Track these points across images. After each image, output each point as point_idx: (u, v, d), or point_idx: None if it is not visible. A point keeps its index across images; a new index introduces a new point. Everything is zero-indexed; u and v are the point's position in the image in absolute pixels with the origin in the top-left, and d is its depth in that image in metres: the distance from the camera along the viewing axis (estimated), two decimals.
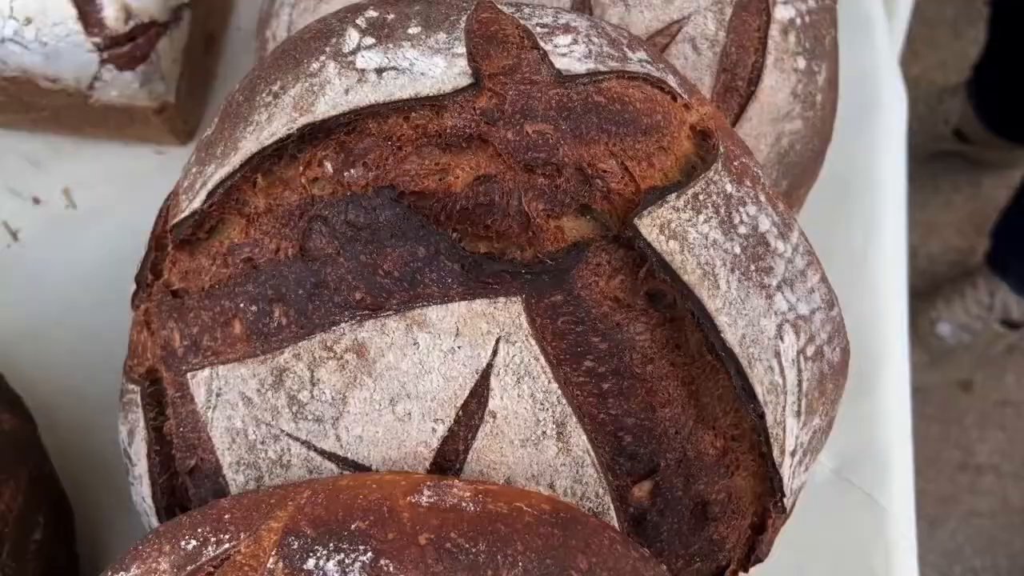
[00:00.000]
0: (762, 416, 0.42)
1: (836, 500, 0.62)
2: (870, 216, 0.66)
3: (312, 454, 0.43)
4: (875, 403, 0.63)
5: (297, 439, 0.43)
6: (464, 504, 0.37)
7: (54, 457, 0.61)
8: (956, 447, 1.48)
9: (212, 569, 0.37)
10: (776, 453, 0.43)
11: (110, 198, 0.72)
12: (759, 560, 0.48)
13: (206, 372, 0.44)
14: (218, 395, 0.44)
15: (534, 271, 0.40)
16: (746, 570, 0.48)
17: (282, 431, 0.43)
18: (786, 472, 0.44)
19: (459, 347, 0.40)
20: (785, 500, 0.44)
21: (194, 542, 0.39)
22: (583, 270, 0.41)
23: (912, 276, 0.72)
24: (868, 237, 0.65)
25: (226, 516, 0.40)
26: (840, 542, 0.61)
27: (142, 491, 0.49)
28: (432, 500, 0.37)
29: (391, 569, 0.35)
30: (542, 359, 0.40)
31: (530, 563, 0.35)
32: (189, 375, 0.45)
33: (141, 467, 0.48)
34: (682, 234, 0.41)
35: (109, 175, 0.73)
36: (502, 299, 0.40)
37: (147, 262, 0.48)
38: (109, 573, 0.40)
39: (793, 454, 0.44)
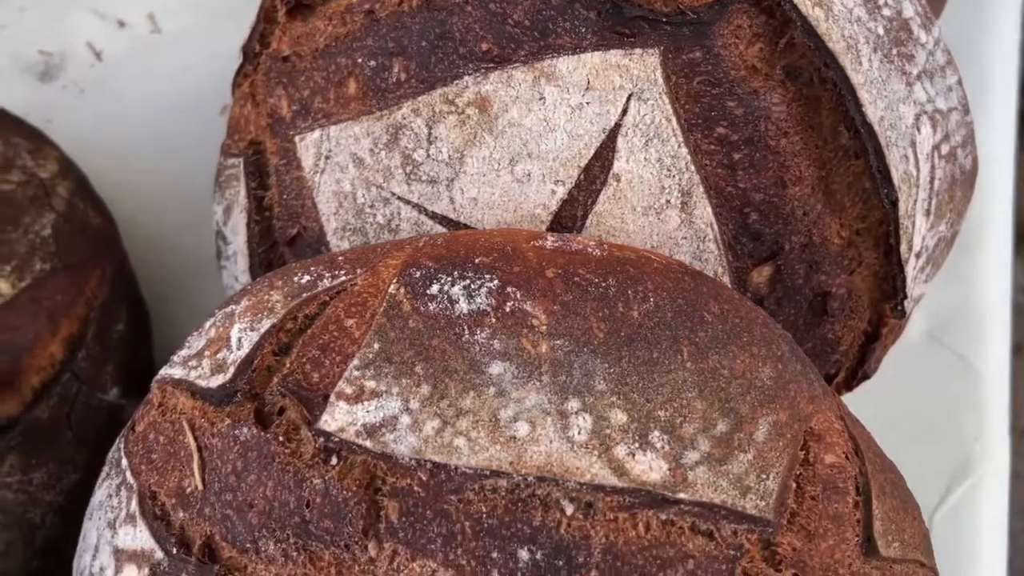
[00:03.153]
0: (895, 204, 0.40)
1: (929, 362, 0.60)
2: (980, 77, 0.63)
3: (423, 218, 0.41)
4: (975, 265, 0.60)
5: (408, 202, 0.41)
6: (590, 249, 0.36)
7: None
8: None
9: (327, 299, 0.36)
10: (903, 248, 0.41)
11: (194, 25, 0.71)
12: (866, 377, 0.46)
13: (316, 134, 0.43)
14: (327, 158, 0.43)
15: (674, 22, 0.38)
16: (850, 387, 0.46)
17: (393, 194, 0.42)
18: (910, 272, 0.42)
19: (588, 103, 0.39)
20: (906, 303, 0.43)
21: (308, 277, 0.38)
22: (723, 29, 0.39)
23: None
24: (978, 97, 0.62)
25: (340, 258, 0.39)
26: (931, 405, 0.59)
27: (236, 269, 0.48)
28: (557, 244, 0.36)
29: (518, 296, 0.34)
30: (674, 121, 0.39)
31: (661, 300, 0.34)
32: (297, 139, 0.44)
33: (237, 243, 0.47)
34: (827, 4, 0.39)
35: (195, 2, 0.72)
36: (638, 50, 0.38)
37: (255, 34, 0.47)
38: (219, 309, 0.40)
39: (918, 256, 0.43)
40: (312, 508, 0.32)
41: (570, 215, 0.40)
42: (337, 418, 0.32)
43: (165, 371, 0.39)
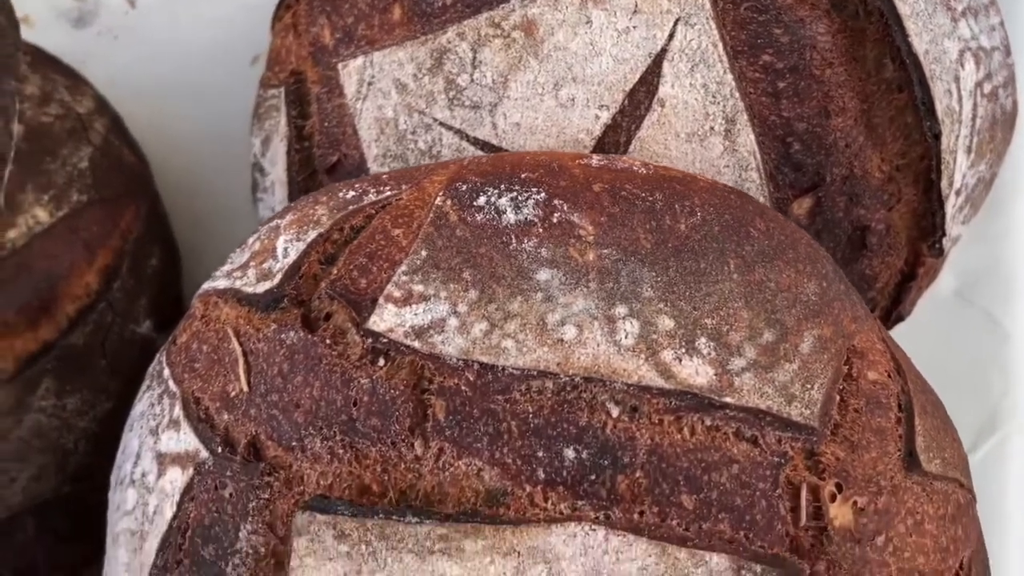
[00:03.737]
0: (937, 137, 0.40)
1: (957, 320, 0.60)
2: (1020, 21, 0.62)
3: (464, 143, 0.41)
4: (1006, 224, 0.60)
5: (450, 127, 0.41)
6: (636, 168, 0.36)
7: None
8: None
9: (373, 212, 0.36)
10: (944, 184, 0.41)
11: None
12: (900, 318, 0.46)
13: (359, 60, 0.43)
14: (370, 84, 0.43)
15: None
16: (885, 326, 0.46)
17: (435, 119, 0.42)
18: (949, 209, 0.42)
19: (634, 27, 0.39)
20: (944, 241, 0.43)
21: (353, 192, 0.38)
22: None
23: None
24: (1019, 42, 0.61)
25: (384, 176, 0.39)
26: (958, 362, 0.59)
27: (274, 200, 0.49)
28: (602, 163, 0.36)
29: (565, 208, 0.34)
30: (720, 47, 0.39)
31: (708, 215, 0.34)
32: (340, 66, 0.44)
33: (276, 172, 0.48)
34: None
35: None
36: None
37: None
38: (263, 225, 0.40)
39: (958, 194, 0.43)
40: (359, 407, 0.32)
41: (613, 141, 0.40)
42: (385, 319, 0.33)
43: (207, 285, 0.39)
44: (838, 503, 0.31)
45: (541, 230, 0.33)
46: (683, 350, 0.32)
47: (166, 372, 0.38)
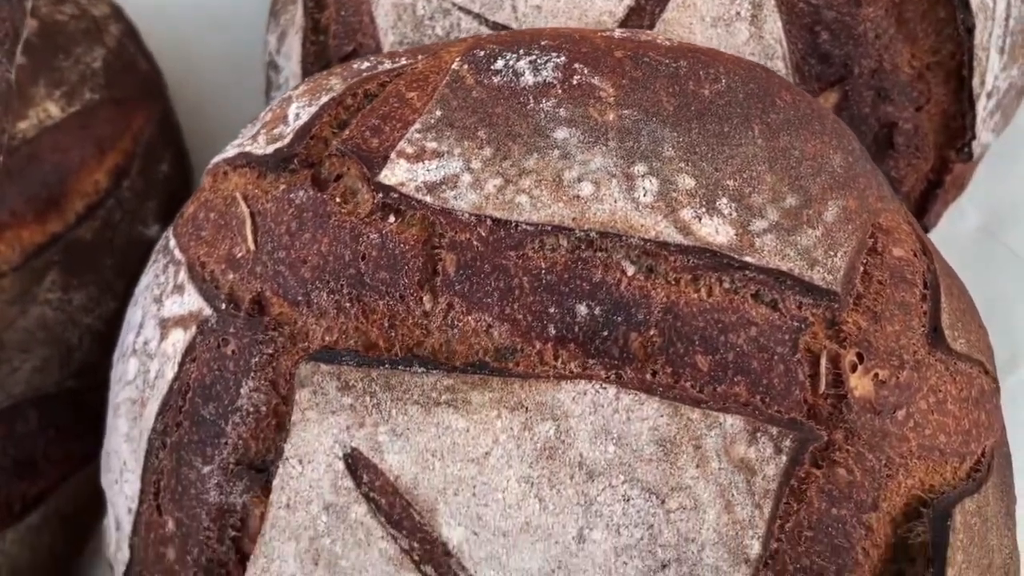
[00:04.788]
0: (970, 31, 0.39)
1: (981, 256, 0.58)
2: None
3: (483, 28, 0.40)
4: None
5: (468, 11, 0.40)
6: (659, 40, 0.35)
7: None
8: None
9: (387, 79, 0.35)
10: (975, 82, 0.40)
11: None
12: (925, 230, 0.45)
13: None
14: None
15: None
16: None
17: (453, 3, 0.41)
18: (980, 111, 0.41)
19: None
20: (973, 145, 0.42)
21: (367, 63, 0.37)
22: None
23: None
24: None
25: (400, 51, 0.38)
26: (981, 297, 0.57)
27: None
28: (625, 34, 0.35)
29: (586, 71, 0.33)
30: None
31: (733, 82, 0.33)
32: None
33: (290, 67, 0.47)
34: None
35: None
36: None
37: None
38: (279, 96, 0.39)
39: (989, 96, 0.41)
40: (367, 261, 0.31)
41: (637, 23, 0.39)
42: (397, 174, 0.32)
43: (218, 157, 0.38)
44: (859, 374, 0.30)
45: (560, 91, 0.32)
46: (703, 209, 0.30)
47: (172, 243, 0.37)
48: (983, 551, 0.31)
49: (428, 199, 0.31)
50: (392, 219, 0.32)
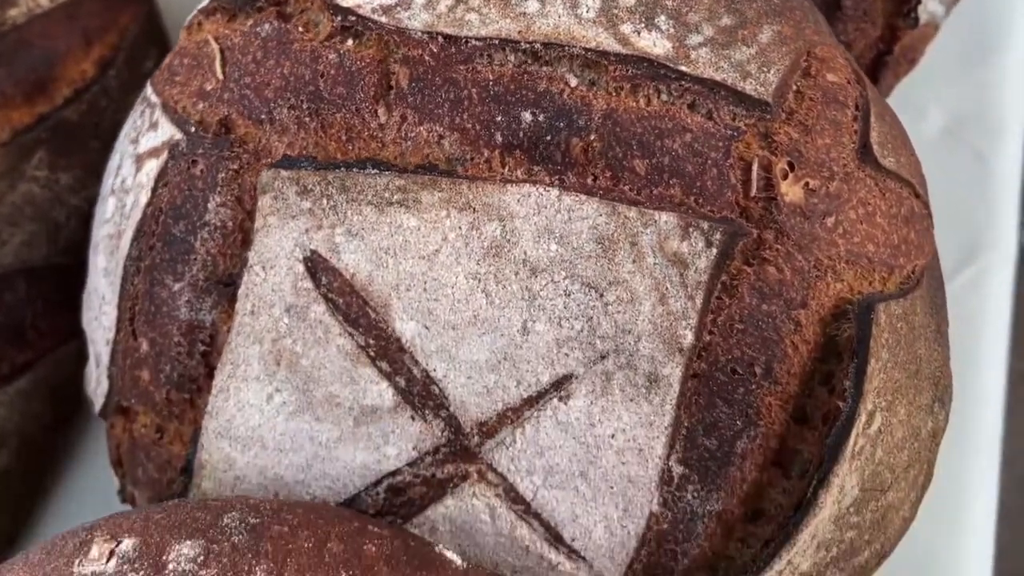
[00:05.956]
0: None
1: (944, 156, 0.60)
2: None
3: None
4: (997, 66, 0.61)
5: None
6: None
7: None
8: None
9: None
10: None
11: None
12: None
13: None
14: None
15: None
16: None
17: None
18: None
19: None
20: (920, 10, 0.43)
21: None
22: None
23: None
24: None
25: None
26: (943, 194, 0.59)
27: None
28: None
29: None
30: None
31: None
32: None
33: None
34: None
35: None
36: None
37: None
38: None
39: None
40: (326, 78, 0.33)
41: None
42: None
43: (192, 14, 0.40)
44: (790, 181, 0.32)
45: None
46: (642, 24, 0.32)
47: (149, 90, 0.39)
48: (910, 356, 0.33)
49: (383, 19, 0.33)
50: (350, 42, 0.33)
